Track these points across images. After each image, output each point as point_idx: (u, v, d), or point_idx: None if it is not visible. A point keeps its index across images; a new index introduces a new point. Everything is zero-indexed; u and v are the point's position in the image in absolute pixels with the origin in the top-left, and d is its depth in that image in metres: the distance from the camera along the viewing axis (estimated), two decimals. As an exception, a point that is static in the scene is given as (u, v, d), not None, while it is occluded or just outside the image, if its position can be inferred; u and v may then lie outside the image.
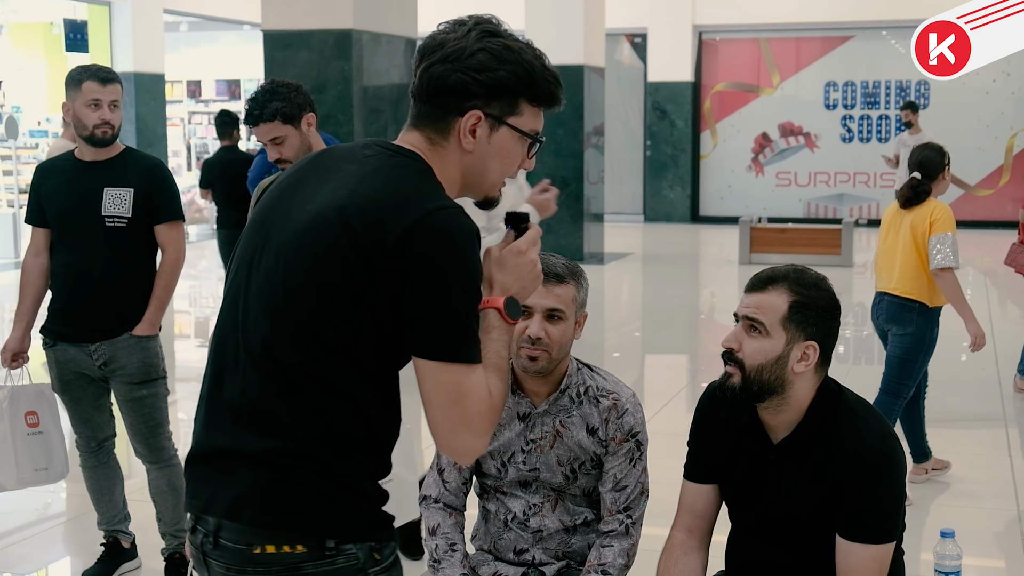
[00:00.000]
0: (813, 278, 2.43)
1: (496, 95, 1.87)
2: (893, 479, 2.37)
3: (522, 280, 1.94)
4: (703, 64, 18.25)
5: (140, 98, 15.66)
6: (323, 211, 1.81)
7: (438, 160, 1.89)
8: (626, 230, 17.08)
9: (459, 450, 1.82)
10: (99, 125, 3.89)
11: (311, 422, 1.78)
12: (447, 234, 1.77)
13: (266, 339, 1.80)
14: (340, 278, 1.77)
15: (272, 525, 1.77)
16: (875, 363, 8.34)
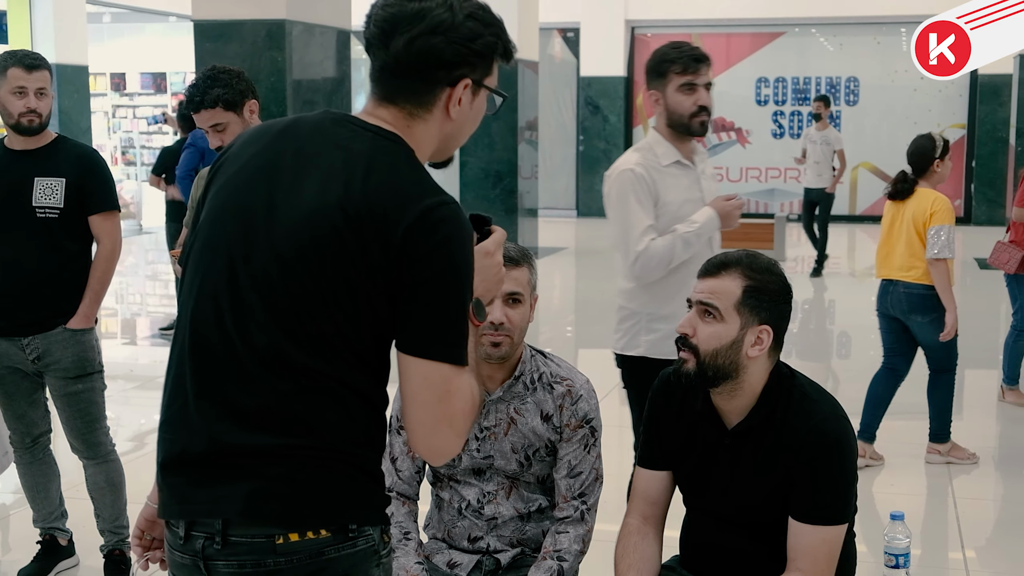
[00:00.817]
0: (765, 263, 2.45)
1: (482, 60, 1.84)
2: (845, 461, 2.39)
3: (487, 281, 1.92)
4: (636, 59, 18.35)
5: (63, 90, 15.30)
6: (321, 208, 1.74)
7: (417, 134, 1.84)
8: (559, 225, 17.13)
9: (438, 448, 1.78)
10: (24, 114, 3.77)
11: (329, 418, 1.75)
12: (451, 232, 1.74)
13: (274, 342, 1.74)
14: (343, 278, 1.73)
15: (298, 513, 1.74)
16: (809, 359, 8.46)
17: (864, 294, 11.43)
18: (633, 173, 3.54)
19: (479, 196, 13.08)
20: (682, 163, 3.63)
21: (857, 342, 9.04)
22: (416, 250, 1.72)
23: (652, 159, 3.60)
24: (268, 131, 1.89)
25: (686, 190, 3.62)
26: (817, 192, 12.11)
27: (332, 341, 1.74)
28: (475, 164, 13.10)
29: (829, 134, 12.06)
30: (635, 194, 3.53)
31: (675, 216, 3.55)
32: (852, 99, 17.50)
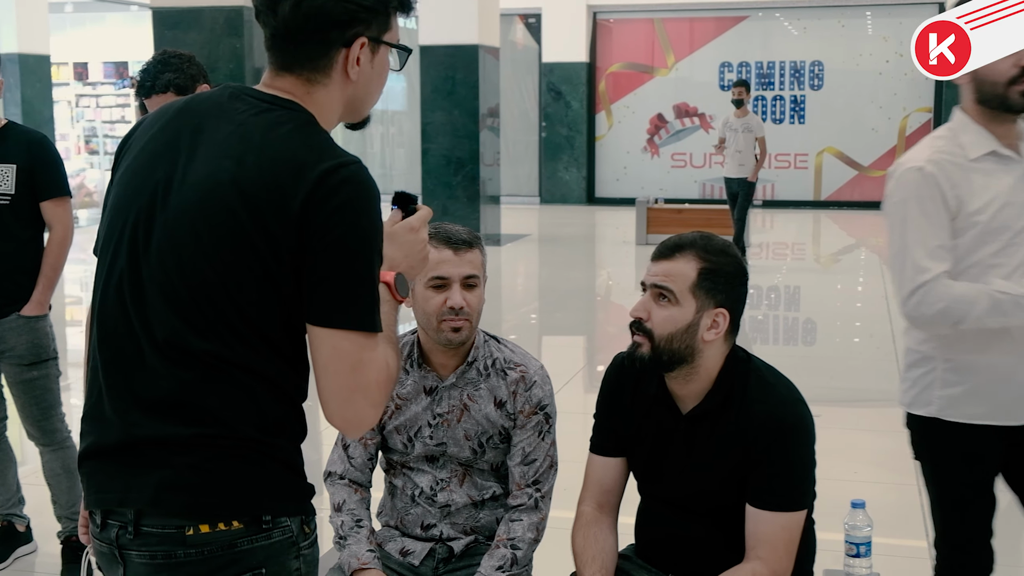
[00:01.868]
0: (720, 244, 2.42)
1: (375, 15, 1.77)
2: (803, 445, 2.37)
3: (411, 258, 1.89)
4: (598, 45, 18.33)
5: (25, 80, 15.12)
6: (214, 187, 1.69)
7: (319, 100, 1.78)
8: (522, 212, 17.09)
9: (352, 420, 1.71)
10: None
11: (234, 407, 1.69)
12: (351, 193, 1.68)
13: (173, 330, 1.69)
14: (243, 261, 1.67)
15: (207, 504, 1.69)
16: (770, 343, 8.49)
17: (829, 280, 11.54)
18: (921, 173, 2.62)
19: (441, 183, 13.03)
20: (1001, 154, 2.65)
21: (824, 329, 9.07)
22: (316, 216, 1.65)
23: (955, 151, 2.65)
24: (168, 111, 1.83)
25: (1008, 192, 2.63)
26: (739, 182, 11.54)
27: (235, 326, 1.68)
28: (436, 151, 13.04)
29: (750, 121, 11.51)
30: (920, 203, 2.62)
31: (987, 230, 2.61)
32: (817, 83, 17.57)
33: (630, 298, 10.53)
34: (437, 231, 2.59)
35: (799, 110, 17.72)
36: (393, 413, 2.70)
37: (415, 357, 2.68)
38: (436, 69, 12.88)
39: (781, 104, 17.78)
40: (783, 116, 17.76)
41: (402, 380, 2.69)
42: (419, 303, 2.60)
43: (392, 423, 2.70)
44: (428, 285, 2.58)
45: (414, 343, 2.70)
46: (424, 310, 2.59)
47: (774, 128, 17.73)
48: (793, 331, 9.24)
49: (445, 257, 2.56)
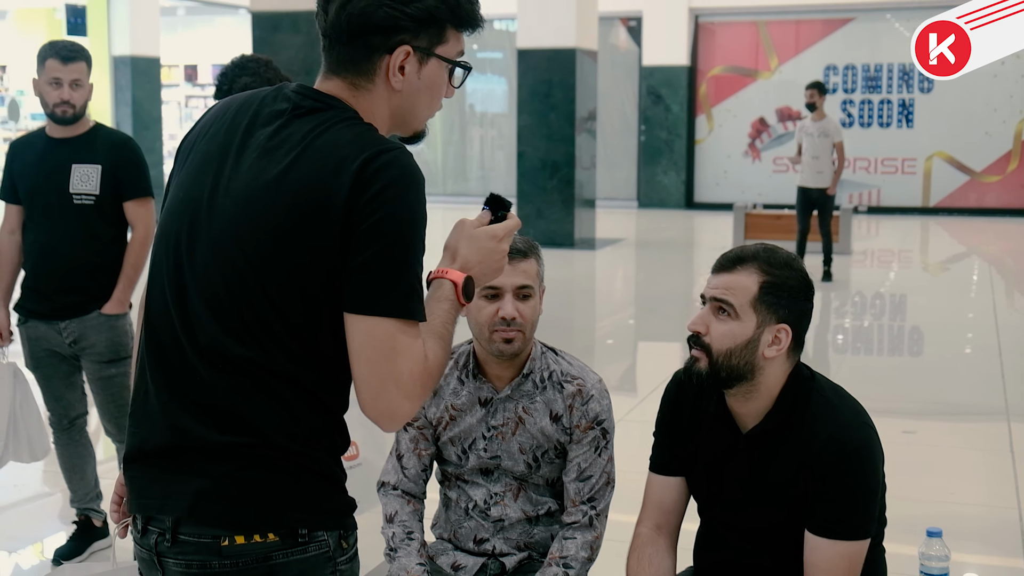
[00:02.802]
0: (784, 257, 2.30)
1: (424, 26, 1.73)
2: (866, 471, 2.24)
3: (485, 265, 1.82)
4: (699, 48, 18.10)
5: (136, 81, 15.57)
6: (257, 191, 1.67)
7: (364, 106, 1.75)
8: (619, 216, 16.96)
9: (384, 411, 1.64)
10: (59, 104, 3.90)
11: (271, 416, 1.67)
12: (392, 178, 1.64)
13: (214, 337, 1.67)
14: (287, 266, 1.64)
15: (242, 515, 1.66)
16: (873, 353, 8.24)
17: (937, 289, 11.17)
18: None
19: (535, 186, 12.98)
20: None
21: (931, 339, 8.76)
22: (357, 203, 1.61)
23: None
24: (227, 110, 1.82)
25: None
26: (817, 192, 10.58)
27: (275, 333, 1.65)
28: (532, 154, 13.00)
29: (827, 125, 10.64)
30: None
31: None
32: (927, 86, 17.06)
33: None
34: None
35: (907, 114, 17.25)
36: (448, 424, 2.65)
37: (471, 368, 2.63)
38: (533, 72, 12.84)
39: (888, 108, 17.33)
40: (890, 120, 17.31)
41: (457, 391, 2.64)
42: (472, 312, 2.55)
43: (447, 434, 2.65)
44: (481, 295, 2.52)
45: (470, 353, 2.65)
46: (476, 320, 2.54)
47: (881, 132, 17.30)
48: (898, 341, 8.92)
49: None
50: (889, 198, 17.36)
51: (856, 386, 7.13)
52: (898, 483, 4.92)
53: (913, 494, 4.92)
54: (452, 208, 18.48)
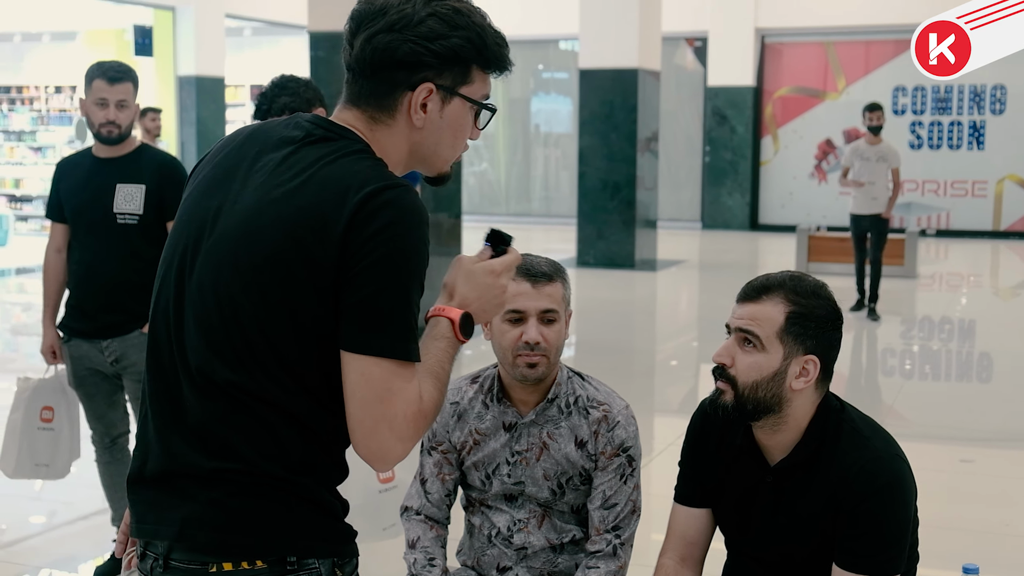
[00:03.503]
0: (812, 285, 2.23)
1: (449, 65, 1.71)
2: (898, 506, 2.15)
3: (484, 301, 1.78)
4: (765, 68, 17.92)
5: (201, 101, 15.82)
6: (257, 215, 1.66)
7: (382, 141, 1.73)
8: (682, 237, 16.81)
9: (376, 452, 1.62)
10: (104, 124, 3.92)
11: (258, 443, 1.64)
12: (393, 216, 1.61)
13: (204, 359, 1.66)
14: (280, 292, 1.62)
15: (230, 542, 1.65)
16: (935, 378, 8.03)
17: (1008, 314, 10.89)
18: None
19: (596, 207, 12.92)
20: None
21: (1000, 365, 8.52)
22: (355, 239, 1.59)
23: None
24: (237, 137, 1.81)
25: None
26: (872, 220, 9.72)
27: (263, 360, 1.63)
28: (593, 175, 12.94)
29: (885, 149, 9.70)
30: None
31: None
32: (998, 108, 16.71)
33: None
34: None
35: (978, 136, 16.90)
36: (472, 448, 2.61)
37: (495, 392, 2.59)
38: (595, 93, 12.80)
39: (959, 129, 16.99)
40: (960, 142, 16.96)
41: (482, 415, 2.60)
42: (496, 337, 2.51)
43: (471, 459, 2.61)
44: (505, 319, 2.48)
45: (495, 378, 2.61)
46: (500, 344, 2.50)
47: (950, 154, 16.97)
48: (961, 366, 8.67)
49: (523, 290, 2.46)
50: (958, 221, 17.00)
51: (915, 412, 7.00)
52: (951, 513, 4.81)
53: (966, 524, 4.77)
54: (515, 228, 18.51)
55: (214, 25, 16.13)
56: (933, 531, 4.57)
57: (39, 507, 4.99)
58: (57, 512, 4.93)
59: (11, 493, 4.87)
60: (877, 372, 8.01)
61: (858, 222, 9.82)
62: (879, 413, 6.80)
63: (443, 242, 8.74)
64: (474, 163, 19.90)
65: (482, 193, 19.93)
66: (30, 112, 17.58)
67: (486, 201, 19.87)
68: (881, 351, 8.90)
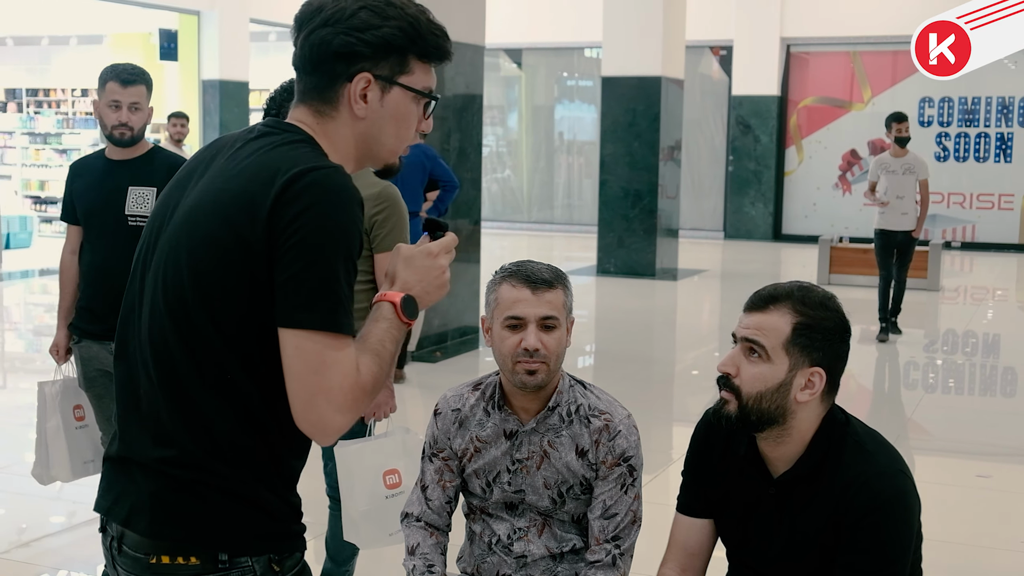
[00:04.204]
0: (820, 296, 2.20)
1: (384, 54, 1.77)
2: (899, 522, 2.11)
3: (426, 283, 1.83)
4: (790, 78, 17.83)
5: (224, 105, 15.88)
6: (199, 205, 1.74)
7: (328, 134, 1.79)
8: (704, 246, 16.75)
9: (316, 424, 1.66)
10: (117, 126, 3.94)
11: (199, 432, 1.70)
12: (317, 196, 1.66)
13: (154, 345, 1.73)
14: (220, 275, 1.68)
15: (164, 536, 1.72)
16: (955, 392, 7.95)
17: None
18: None
19: (618, 215, 12.88)
20: None
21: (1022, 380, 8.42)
22: (281, 219, 1.64)
23: None
24: (206, 146, 1.90)
25: None
26: (902, 235, 9.14)
27: (209, 340, 1.68)
28: (614, 183, 12.91)
29: (913, 161, 9.13)
30: None
31: None
32: (1030, 120, 16.57)
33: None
34: (517, 269, 2.49)
35: (1007, 148, 16.75)
36: (473, 455, 2.59)
37: (496, 399, 2.57)
38: (617, 100, 12.77)
39: (986, 141, 16.85)
40: (987, 154, 16.81)
41: (483, 422, 2.58)
42: (496, 343, 2.49)
43: (471, 466, 2.59)
44: (504, 325, 2.47)
45: (496, 385, 2.59)
46: (500, 350, 2.48)
47: (977, 167, 16.82)
48: (983, 381, 8.57)
49: (522, 296, 2.45)
50: (984, 234, 16.85)
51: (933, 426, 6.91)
52: (965, 529, 4.75)
53: (980, 540, 4.71)
54: (537, 236, 18.49)
55: (238, 29, 16.19)
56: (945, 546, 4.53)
57: (58, 507, 5.01)
58: (76, 512, 4.94)
59: (30, 492, 4.88)
60: (900, 385, 7.93)
61: (886, 238, 9.20)
62: (900, 426, 6.75)
63: (463, 248, 8.73)
64: (496, 170, 19.91)
65: (504, 200, 19.92)
66: (56, 115, 17.72)
67: (508, 208, 19.86)
68: (904, 364, 8.82)
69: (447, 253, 1.85)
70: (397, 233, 3.45)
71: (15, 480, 5.34)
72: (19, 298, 11.79)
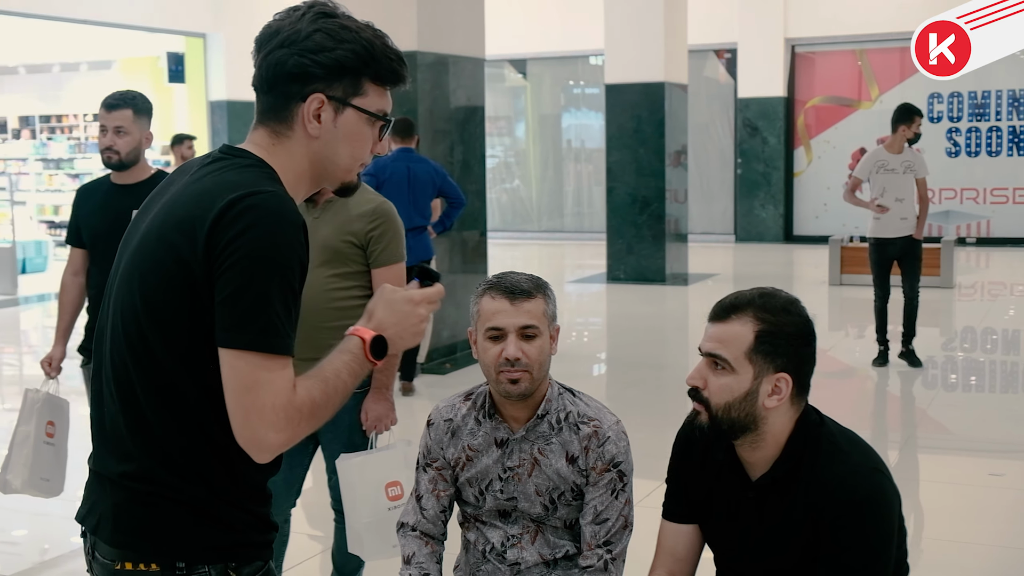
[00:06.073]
0: (782, 302, 2.22)
1: (338, 76, 1.83)
2: (877, 519, 2.14)
3: (400, 328, 1.87)
4: (796, 78, 17.83)
5: (232, 125, 15.99)
6: (149, 230, 1.81)
7: (283, 154, 1.85)
8: (715, 251, 16.74)
9: (250, 440, 1.71)
10: (104, 150, 4.02)
11: (156, 448, 1.78)
12: (254, 219, 1.70)
13: (114, 365, 1.81)
14: (167, 298, 1.74)
15: (126, 545, 1.80)
16: (985, 390, 7.90)
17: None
18: None
19: (626, 221, 12.90)
20: None
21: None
22: (219, 241, 1.70)
23: None
24: (172, 173, 1.98)
25: None
26: (902, 242, 7.94)
27: (159, 359, 1.75)
28: (621, 189, 12.93)
29: (913, 157, 8.02)
30: None
31: None
32: (1043, 113, 16.51)
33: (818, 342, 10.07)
34: (497, 281, 2.54)
35: (1019, 141, 16.69)
36: (465, 464, 2.63)
37: (487, 408, 2.61)
38: (622, 107, 12.80)
39: (998, 135, 16.79)
40: (999, 148, 16.75)
41: (474, 431, 2.62)
42: (480, 354, 2.54)
43: (464, 475, 2.63)
44: (486, 336, 2.52)
45: (486, 394, 2.63)
46: (483, 361, 2.53)
47: (990, 161, 16.77)
48: (998, 378, 8.51)
49: (500, 307, 2.49)
50: (999, 228, 16.79)
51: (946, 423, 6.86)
52: (976, 528, 4.74)
53: (990, 539, 4.70)
54: (547, 245, 18.51)
55: (243, 50, 16.23)
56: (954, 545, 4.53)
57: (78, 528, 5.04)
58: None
59: (50, 512, 4.94)
60: (914, 383, 7.91)
61: (884, 248, 8.00)
62: (914, 425, 6.74)
63: (469, 259, 8.77)
64: (505, 180, 19.96)
65: (514, 210, 19.97)
66: (68, 140, 17.88)
67: (518, 218, 19.91)
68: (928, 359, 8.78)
69: (429, 303, 1.90)
70: (393, 248, 3.49)
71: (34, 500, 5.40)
72: (36, 322, 11.89)
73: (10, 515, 5.34)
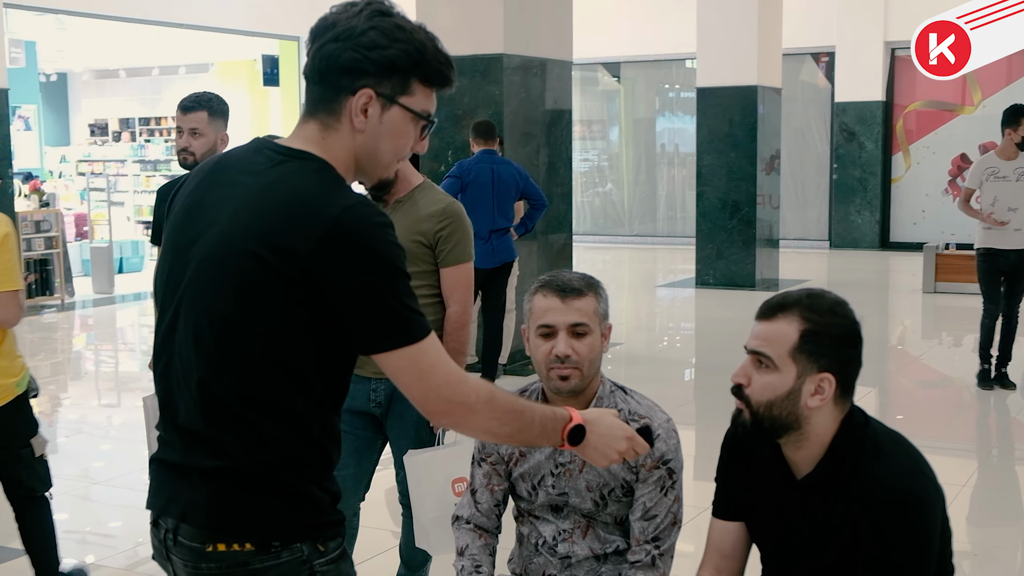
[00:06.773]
0: (829, 303, 2.24)
1: (388, 74, 1.88)
2: (918, 519, 2.14)
3: (601, 440, 2.06)
4: (896, 82, 17.49)
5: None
6: (229, 239, 1.84)
7: (332, 147, 1.90)
8: (809, 256, 16.51)
9: (443, 417, 1.89)
10: (180, 151, 4.12)
11: (249, 446, 1.85)
12: (357, 235, 1.78)
13: (199, 372, 1.86)
14: (262, 306, 1.81)
15: (222, 528, 1.87)
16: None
17: None
18: None
19: (716, 226, 12.82)
20: None
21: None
22: (328, 261, 1.77)
23: None
24: (205, 167, 2.01)
25: None
26: (1016, 256, 7.43)
27: (256, 361, 1.82)
28: (712, 194, 12.85)
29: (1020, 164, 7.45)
30: None
31: None
32: None
33: (909, 349, 9.89)
34: (550, 279, 2.59)
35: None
36: (518, 460, 2.68)
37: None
38: (713, 111, 12.73)
39: (1106, 142, 16.21)
40: (1107, 155, 16.18)
41: (528, 427, 2.66)
42: (532, 351, 2.59)
43: (517, 470, 2.68)
44: (538, 333, 2.57)
45: (539, 391, 2.67)
46: (535, 358, 2.58)
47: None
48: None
49: (552, 305, 2.54)
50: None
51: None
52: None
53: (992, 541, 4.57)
54: (639, 249, 18.45)
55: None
56: None
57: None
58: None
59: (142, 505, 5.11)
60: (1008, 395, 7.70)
61: (994, 260, 7.51)
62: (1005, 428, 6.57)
63: (553, 262, 8.82)
64: (598, 184, 19.95)
65: (606, 214, 19.95)
66: (166, 142, 18.40)
67: (610, 222, 19.88)
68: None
69: (631, 448, 2.10)
70: (462, 248, 3.53)
71: (126, 493, 5.61)
72: (132, 320, 12.27)
73: (105, 508, 5.56)
